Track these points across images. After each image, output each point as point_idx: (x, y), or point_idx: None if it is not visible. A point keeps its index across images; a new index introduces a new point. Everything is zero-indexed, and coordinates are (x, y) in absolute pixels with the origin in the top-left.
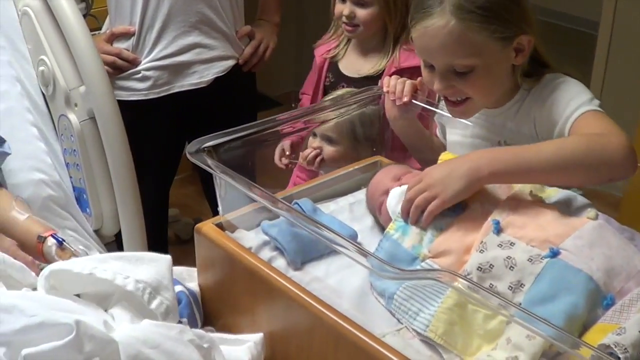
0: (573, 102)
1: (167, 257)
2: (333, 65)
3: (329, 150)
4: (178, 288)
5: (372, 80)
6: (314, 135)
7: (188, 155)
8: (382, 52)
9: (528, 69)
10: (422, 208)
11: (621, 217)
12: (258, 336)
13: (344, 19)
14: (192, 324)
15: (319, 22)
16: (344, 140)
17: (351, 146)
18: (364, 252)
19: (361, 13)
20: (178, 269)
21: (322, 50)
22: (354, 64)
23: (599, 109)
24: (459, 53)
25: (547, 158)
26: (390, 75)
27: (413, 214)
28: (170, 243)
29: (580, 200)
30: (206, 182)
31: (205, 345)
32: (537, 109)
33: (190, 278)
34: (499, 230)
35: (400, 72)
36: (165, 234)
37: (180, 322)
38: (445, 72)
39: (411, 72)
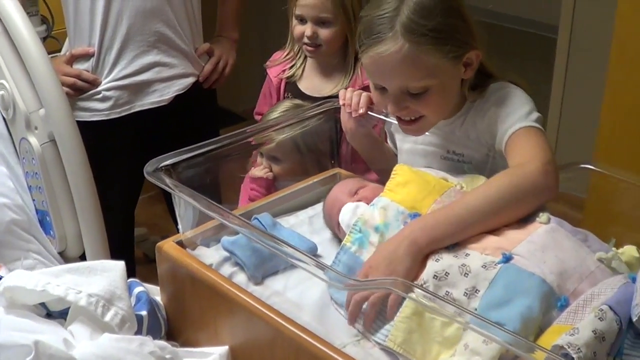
0: (509, 118)
1: (120, 264)
2: (291, 85)
3: (276, 169)
4: (138, 289)
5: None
6: (261, 155)
7: (145, 175)
8: (343, 70)
9: (474, 81)
10: (378, 305)
11: (585, 217)
12: (224, 349)
13: (305, 39)
14: (156, 330)
15: (283, 37)
16: (289, 158)
17: (298, 162)
18: (320, 265)
19: (324, 33)
20: (148, 286)
21: (276, 71)
22: (315, 84)
23: (532, 124)
24: (414, 76)
25: (477, 209)
26: None
27: (368, 317)
28: (138, 262)
29: None
30: (170, 201)
31: (167, 357)
32: (480, 120)
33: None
34: (454, 246)
35: (365, 90)
36: (132, 253)
37: (142, 316)
38: (399, 94)
39: None
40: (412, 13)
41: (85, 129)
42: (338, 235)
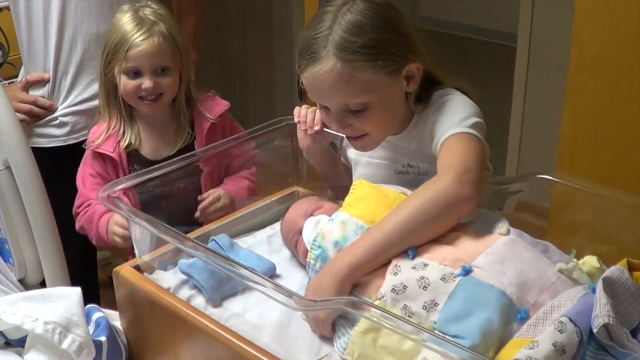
0: (443, 125)
1: (77, 291)
2: (133, 156)
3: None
4: (97, 315)
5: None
6: None
7: (99, 200)
8: (179, 120)
9: (420, 92)
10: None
11: (550, 226)
12: None
13: (142, 93)
14: (116, 356)
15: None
16: None
17: None
18: (277, 287)
19: (165, 81)
20: (107, 312)
21: (110, 146)
22: (157, 146)
23: (465, 130)
24: (350, 93)
25: (392, 232)
26: None
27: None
28: (103, 286)
29: (493, 216)
30: None
31: None
32: (424, 130)
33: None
34: (414, 255)
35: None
36: (96, 277)
37: (101, 342)
38: (341, 112)
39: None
40: (344, 31)
41: (43, 155)
42: (296, 256)
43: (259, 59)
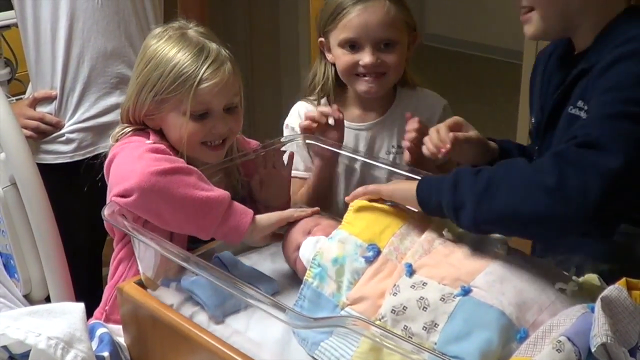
0: None
1: (80, 306)
2: None
3: None
4: (101, 330)
5: None
6: None
7: (103, 217)
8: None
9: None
10: None
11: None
12: None
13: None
14: None
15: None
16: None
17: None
18: (278, 305)
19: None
20: (112, 327)
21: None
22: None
23: None
24: (395, 27)
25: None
26: None
27: None
28: None
29: (492, 236)
30: None
31: None
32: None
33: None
34: (411, 272)
35: None
36: (100, 292)
37: (104, 357)
38: (377, 47)
39: None
40: None
41: (50, 171)
42: (297, 273)
43: (265, 66)
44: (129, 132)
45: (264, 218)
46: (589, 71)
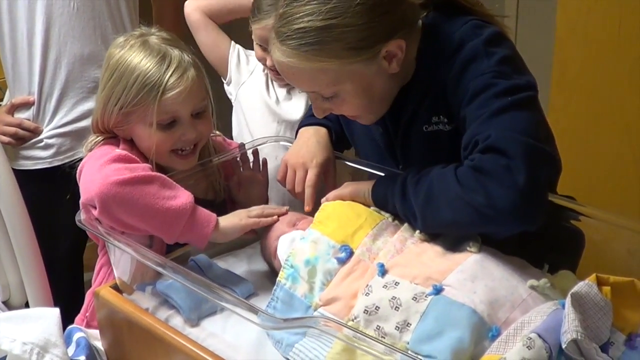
0: None
1: (55, 312)
2: None
3: None
4: (78, 335)
5: None
6: None
7: (77, 222)
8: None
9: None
10: None
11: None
12: None
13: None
14: None
15: None
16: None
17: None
18: (249, 307)
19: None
20: (91, 332)
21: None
22: None
23: None
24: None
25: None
26: None
27: None
28: None
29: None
30: None
31: None
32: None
33: None
34: (383, 272)
35: None
36: (82, 297)
37: None
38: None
39: None
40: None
41: (29, 177)
42: (273, 264)
43: None
44: (101, 141)
45: (229, 225)
46: (430, 88)
